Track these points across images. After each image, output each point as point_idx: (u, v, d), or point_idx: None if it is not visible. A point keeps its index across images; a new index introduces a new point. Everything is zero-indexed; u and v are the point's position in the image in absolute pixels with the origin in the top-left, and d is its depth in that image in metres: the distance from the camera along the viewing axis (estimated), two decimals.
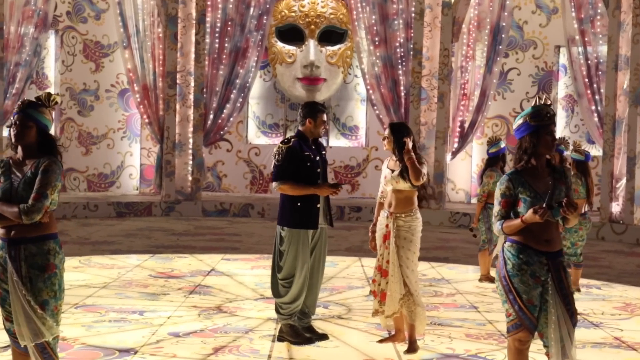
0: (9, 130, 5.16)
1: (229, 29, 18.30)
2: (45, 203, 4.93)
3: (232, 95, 18.42)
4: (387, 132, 7.34)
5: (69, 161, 19.16)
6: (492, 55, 17.94)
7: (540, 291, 5.19)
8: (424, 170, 7.11)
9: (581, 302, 9.52)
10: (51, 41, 19.10)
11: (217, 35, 18.29)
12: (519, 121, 5.32)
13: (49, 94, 5.29)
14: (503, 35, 17.92)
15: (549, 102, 5.34)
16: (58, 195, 5.15)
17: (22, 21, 16.96)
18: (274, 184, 7.21)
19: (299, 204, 7.15)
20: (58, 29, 19.04)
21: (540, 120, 5.22)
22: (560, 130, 18.95)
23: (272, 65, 19.86)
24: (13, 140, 5.12)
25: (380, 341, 7.41)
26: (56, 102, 5.26)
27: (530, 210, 5.04)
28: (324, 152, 7.42)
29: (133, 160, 19.85)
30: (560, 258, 5.26)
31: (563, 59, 18.90)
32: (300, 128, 7.36)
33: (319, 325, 7.91)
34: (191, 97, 18.18)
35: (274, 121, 20.04)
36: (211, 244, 13.62)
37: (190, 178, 18.18)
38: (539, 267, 5.18)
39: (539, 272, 5.18)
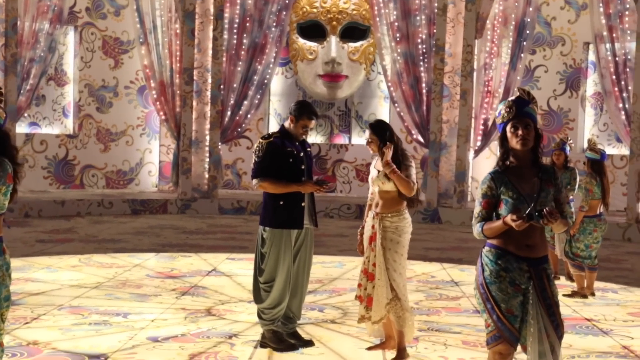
0: None
1: (247, 24, 17.96)
2: None
3: (249, 92, 18.08)
4: (367, 133, 6.86)
5: (87, 158, 18.97)
6: (516, 52, 17.39)
7: (522, 300, 4.76)
8: (412, 174, 6.69)
9: (593, 307, 9.07)
10: (70, 37, 18.90)
11: (235, 31, 17.95)
12: None
13: None
14: (528, 31, 17.37)
15: (517, 94, 4.89)
16: (6, 199, 4.78)
17: (36, 17, 16.75)
18: (253, 181, 6.82)
19: (281, 203, 6.77)
20: (77, 25, 18.83)
21: (502, 117, 4.82)
22: (589, 128, 18.39)
23: (293, 62, 19.50)
24: None
25: (369, 348, 7.02)
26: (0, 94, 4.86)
27: (510, 216, 4.61)
28: (309, 149, 7.03)
29: (152, 157, 19.59)
30: (543, 265, 4.82)
31: (592, 56, 18.31)
32: (284, 124, 6.99)
33: (310, 330, 7.55)
34: (208, 93, 17.88)
35: None
36: (220, 243, 13.28)
37: (207, 175, 17.88)
38: (519, 274, 4.75)
39: (519, 279, 4.75)
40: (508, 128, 4.80)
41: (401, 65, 17.65)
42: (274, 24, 18.09)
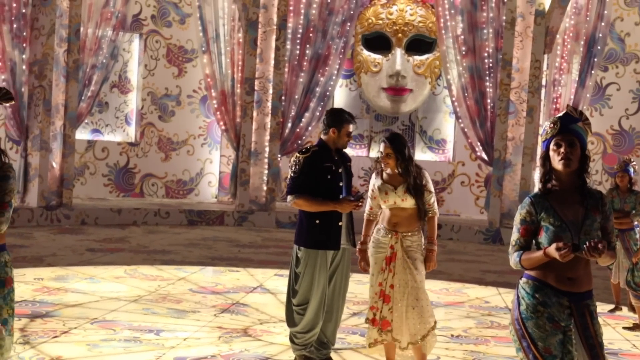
0: None
1: (310, 35, 17.67)
2: (11, 212, 4.35)
3: (311, 104, 17.78)
4: (383, 147, 6.48)
5: (147, 166, 18.88)
6: (585, 68, 16.78)
7: (561, 339, 4.30)
8: (433, 201, 6.40)
9: None
10: (135, 45, 18.86)
11: (298, 41, 17.67)
12: None
13: (5, 91, 4.60)
14: (599, 47, 16.75)
15: (565, 112, 4.47)
16: (11, 208, 4.55)
17: (100, 23, 16.69)
18: (288, 197, 6.50)
19: (317, 222, 6.42)
20: (142, 32, 18.78)
21: (546, 133, 4.40)
22: None
23: (357, 74, 19.15)
24: None
25: None
26: (10, 98, 4.58)
27: (554, 245, 4.17)
28: (349, 164, 6.68)
29: (212, 167, 19.42)
30: (587, 301, 4.36)
31: None
32: (322, 137, 6.66)
33: (347, 356, 7.19)
34: (269, 104, 17.61)
35: (358, 132, 19.24)
36: (271, 258, 12.96)
37: (265, 188, 17.60)
38: (559, 310, 4.30)
39: (559, 316, 4.30)
40: (551, 146, 4.39)
41: (466, 80, 17.17)
42: (338, 35, 17.78)
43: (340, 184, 6.50)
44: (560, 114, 4.47)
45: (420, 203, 6.34)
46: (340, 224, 6.45)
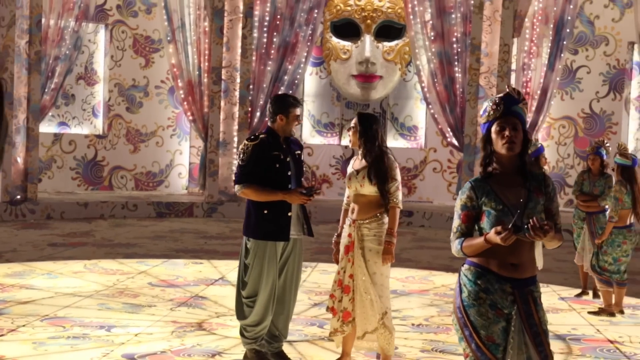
0: None
1: (277, 22, 17.43)
2: None
3: (279, 92, 17.55)
4: (354, 121, 6.34)
5: (116, 159, 18.61)
6: (554, 51, 16.63)
7: (504, 327, 4.15)
8: (396, 189, 6.19)
9: (620, 327, 8.37)
10: (100, 36, 18.56)
11: (265, 29, 17.43)
12: None
13: None
14: (568, 30, 16.61)
15: (506, 92, 4.30)
16: None
17: (62, 13, 16.40)
18: (236, 187, 6.30)
19: (266, 212, 6.22)
20: (108, 23, 18.48)
21: (487, 115, 4.24)
22: (633, 132, 17.55)
23: (327, 61, 18.92)
24: None
25: None
26: None
27: (493, 230, 4.01)
28: (298, 152, 6.47)
29: (182, 159, 19.16)
30: (530, 287, 4.20)
31: (637, 57, 17.48)
32: (270, 125, 6.43)
33: (302, 349, 7.00)
34: (237, 93, 17.38)
35: (329, 120, 19.06)
36: (237, 249, 12.59)
37: (234, 178, 17.32)
38: (501, 297, 4.14)
39: (501, 303, 4.14)
40: (493, 128, 4.23)
41: (435, 65, 17.00)
42: (306, 22, 17.55)
43: (289, 173, 6.30)
44: (501, 95, 4.31)
45: (381, 190, 6.15)
46: (289, 214, 6.24)
